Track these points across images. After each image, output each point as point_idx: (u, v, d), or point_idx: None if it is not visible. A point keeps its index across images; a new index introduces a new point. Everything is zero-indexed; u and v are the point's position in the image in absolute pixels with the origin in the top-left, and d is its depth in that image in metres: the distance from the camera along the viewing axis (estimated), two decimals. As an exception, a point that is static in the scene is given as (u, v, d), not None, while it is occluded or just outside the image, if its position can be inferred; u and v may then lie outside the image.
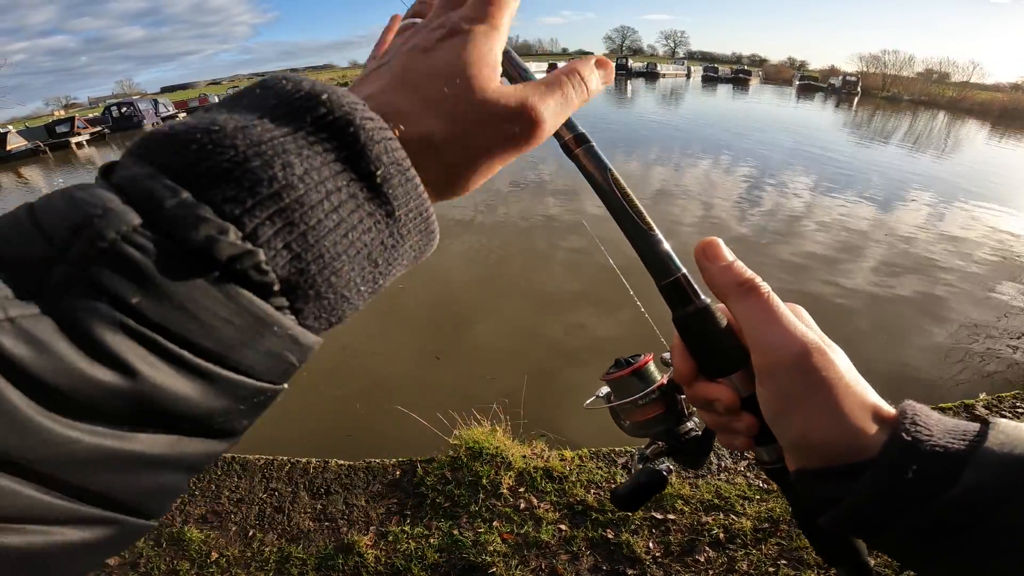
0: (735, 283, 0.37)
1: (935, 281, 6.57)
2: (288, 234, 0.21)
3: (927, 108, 44.68)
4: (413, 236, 0.27)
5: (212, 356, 0.21)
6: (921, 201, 10.46)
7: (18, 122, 47.14)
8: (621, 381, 0.53)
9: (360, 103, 0.24)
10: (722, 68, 74.19)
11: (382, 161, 0.24)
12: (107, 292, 0.18)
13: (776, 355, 0.35)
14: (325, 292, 0.23)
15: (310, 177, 0.22)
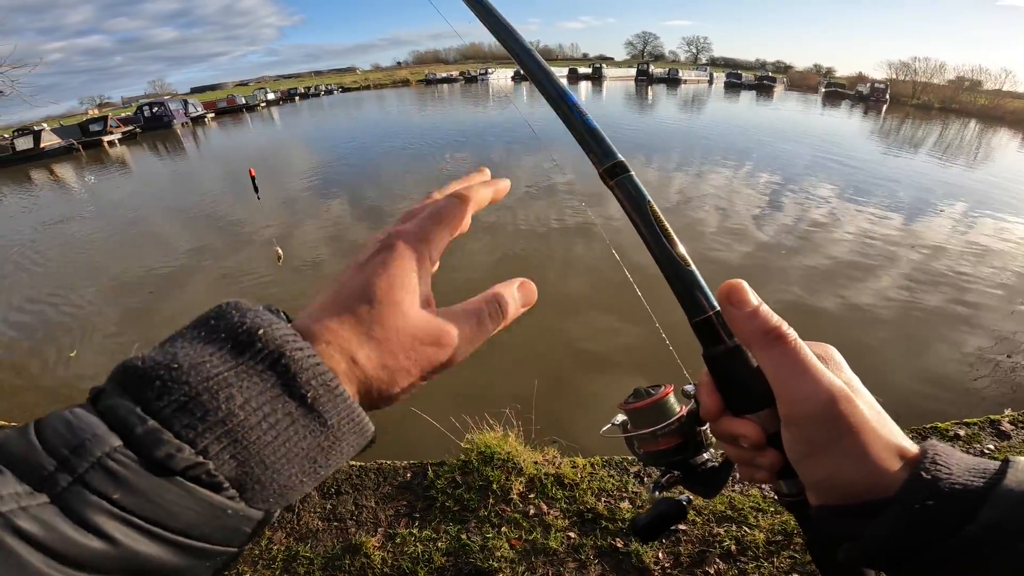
0: (761, 331, 0.37)
1: (963, 293, 6.39)
2: (233, 448, 0.28)
3: (958, 116, 43.61)
4: (348, 436, 0.32)
5: (178, 531, 0.27)
6: (950, 212, 10.20)
7: (53, 120, 48.55)
8: (640, 411, 0.53)
9: (292, 335, 0.31)
10: (745, 75, 73.28)
11: (311, 385, 0.30)
12: (97, 491, 0.25)
13: (801, 407, 0.36)
14: (270, 485, 0.29)
15: (249, 405, 0.28)
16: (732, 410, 0.41)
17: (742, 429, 0.40)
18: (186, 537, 0.27)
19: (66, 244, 10.40)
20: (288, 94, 64.24)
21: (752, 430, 0.40)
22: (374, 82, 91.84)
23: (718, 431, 0.43)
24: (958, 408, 3.87)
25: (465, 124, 25.85)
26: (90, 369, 5.55)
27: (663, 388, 0.53)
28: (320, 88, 74.64)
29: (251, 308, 0.32)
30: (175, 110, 37.97)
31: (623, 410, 0.55)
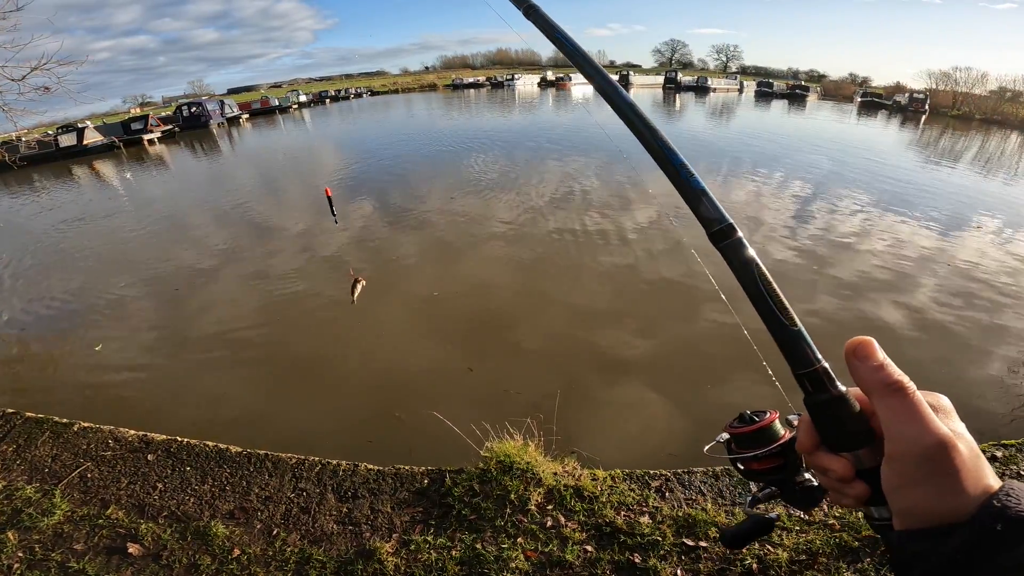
0: (884, 384, 0.42)
1: (1001, 310, 6.13)
2: None
3: (1000, 127, 42.14)
4: None
5: None
6: (988, 227, 9.82)
7: (96, 118, 50.27)
8: (746, 436, 0.57)
9: None
10: (777, 83, 71.96)
11: None
12: None
13: (907, 447, 0.40)
14: None
15: None
16: (828, 446, 0.46)
17: (832, 464, 0.46)
18: None
19: (102, 238, 10.71)
20: (319, 96, 65.41)
21: (841, 465, 0.45)
22: (402, 86, 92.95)
23: (810, 463, 0.49)
24: (992, 428, 3.71)
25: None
26: (114, 361, 5.67)
27: (768, 414, 0.58)
28: (350, 91, 75.80)
29: None
30: (212, 110, 38.96)
31: (729, 433, 0.59)
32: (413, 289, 6.87)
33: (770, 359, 0.63)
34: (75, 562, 2.51)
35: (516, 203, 10.80)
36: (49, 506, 2.84)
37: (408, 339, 5.52)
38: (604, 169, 14.10)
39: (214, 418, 4.39)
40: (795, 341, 0.45)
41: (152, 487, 2.98)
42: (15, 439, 3.50)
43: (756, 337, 0.73)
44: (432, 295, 6.60)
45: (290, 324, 6.20)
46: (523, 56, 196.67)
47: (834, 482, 0.47)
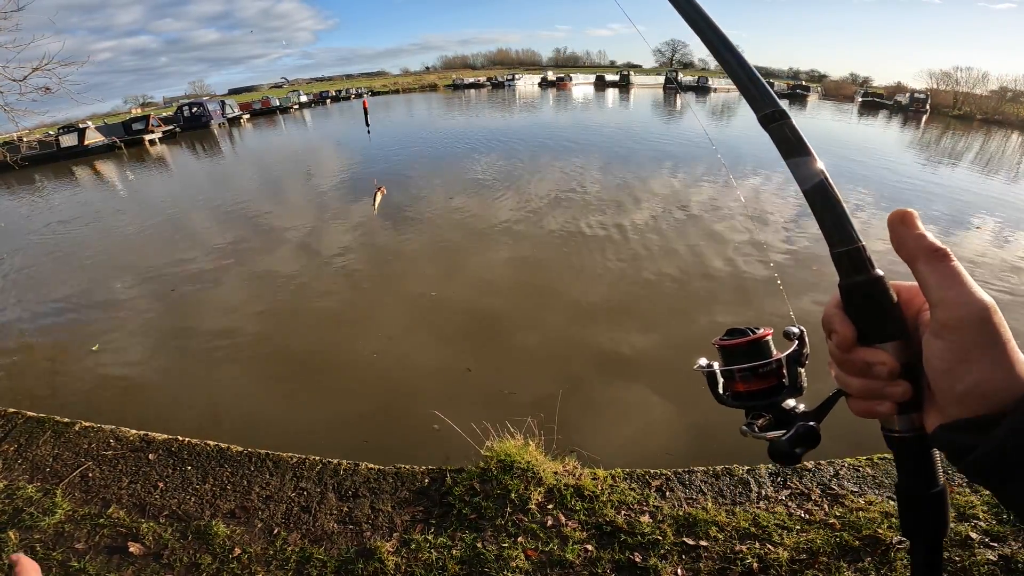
0: (929, 249, 0.39)
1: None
2: None
3: (1000, 127, 42.08)
4: None
5: None
6: (987, 227, 9.82)
7: (97, 118, 50.29)
8: (738, 349, 0.52)
9: None
10: (778, 83, 71.97)
11: None
12: None
13: (962, 311, 0.37)
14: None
15: None
16: (865, 340, 0.42)
17: (880, 357, 0.42)
18: None
19: (102, 238, 10.73)
20: (320, 97, 65.49)
21: (889, 359, 0.41)
22: (403, 86, 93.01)
23: (849, 361, 0.44)
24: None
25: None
26: (115, 360, 5.68)
27: (762, 329, 0.52)
28: (351, 91, 75.82)
29: None
30: (213, 111, 39.01)
31: (719, 347, 0.54)
32: (415, 288, 6.88)
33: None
34: (76, 561, 2.51)
35: (517, 202, 10.81)
36: (50, 505, 2.85)
37: (410, 338, 5.53)
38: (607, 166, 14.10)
39: (215, 417, 4.40)
40: (839, 215, 0.42)
41: (153, 486, 2.99)
42: (16, 438, 3.51)
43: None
44: (431, 295, 6.60)
45: (291, 323, 6.20)
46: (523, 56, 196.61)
47: (877, 384, 0.43)
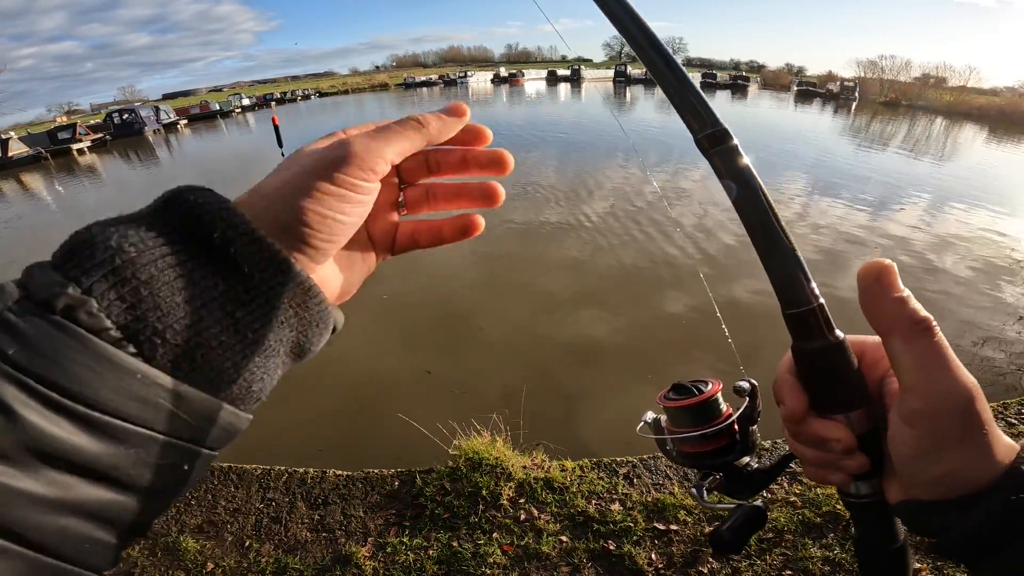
0: (911, 320, 0.35)
1: (936, 284, 6.55)
2: (121, 288, 0.25)
3: (925, 113, 44.78)
4: (276, 289, 0.29)
5: (76, 396, 0.24)
6: (919, 205, 10.45)
7: (20, 128, 47.21)
8: (684, 410, 0.48)
9: (200, 187, 0.29)
10: (721, 74, 74.36)
11: (216, 224, 0.28)
12: None
13: (941, 401, 0.34)
14: (172, 338, 0.26)
15: (144, 244, 0.26)
16: (819, 410, 0.38)
17: (834, 433, 0.38)
18: (90, 407, 0.24)
19: (32, 251, 10.09)
20: (264, 99, 63.42)
21: (844, 433, 0.38)
22: (353, 86, 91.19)
23: (801, 433, 0.40)
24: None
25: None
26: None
27: (711, 385, 0.49)
28: (297, 93, 73.80)
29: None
30: (146, 117, 37.26)
31: (664, 407, 0.50)
32: (367, 290, 6.78)
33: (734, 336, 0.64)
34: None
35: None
36: None
37: (366, 340, 5.45)
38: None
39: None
40: (793, 270, 0.36)
41: (108, 512, 2.86)
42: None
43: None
44: (383, 297, 6.53)
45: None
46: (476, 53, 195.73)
47: (831, 456, 0.39)
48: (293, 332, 0.31)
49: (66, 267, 0.25)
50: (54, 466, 0.23)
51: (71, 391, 0.24)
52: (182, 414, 0.27)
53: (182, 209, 0.28)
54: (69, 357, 0.24)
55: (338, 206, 0.32)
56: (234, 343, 0.28)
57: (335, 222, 0.32)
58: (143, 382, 0.25)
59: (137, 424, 0.25)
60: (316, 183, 0.31)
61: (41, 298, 0.24)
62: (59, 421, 0.23)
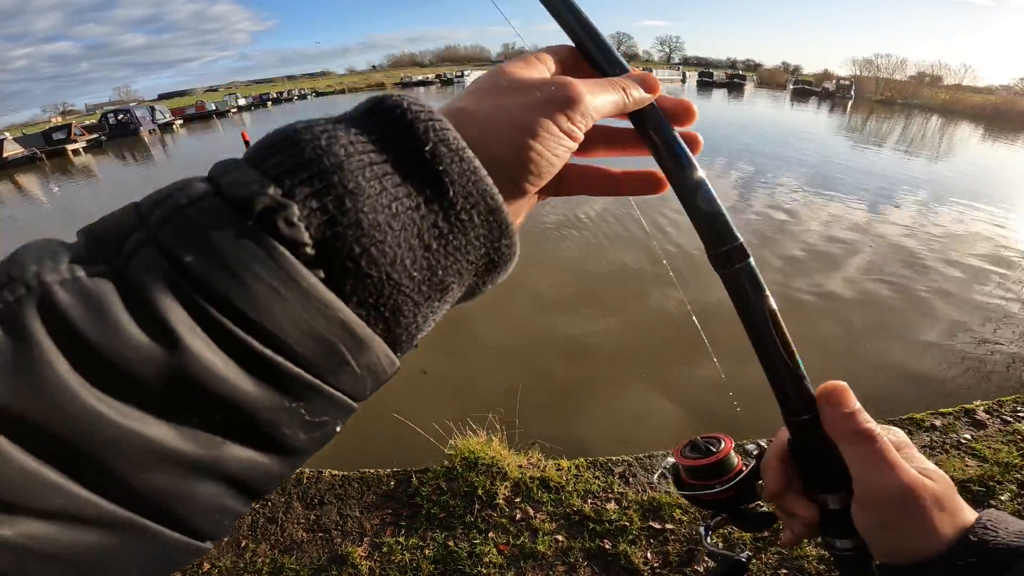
0: (853, 431, 0.41)
1: (931, 283, 6.57)
2: (324, 195, 0.21)
3: (920, 111, 44.92)
4: (476, 225, 0.26)
5: (253, 326, 0.20)
6: (913, 203, 10.48)
7: (15, 129, 47.10)
8: (700, 469, 0.55)
9: (413, 98, 0.26)
10: (717, 73, 74.52)
11: (429, 137, 0.24)
12: (167, 251, 0.20)
13: (874, 493, 0.40)
14: (367, 267, 0.22)
15: (352, 147, 0.23)
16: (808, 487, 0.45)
17: (801, 511, 0.45)
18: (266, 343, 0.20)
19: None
20: (260, 99, 63.37)
21: (809, 512, 0.45)
22: (349, 86, 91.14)
23: (777, 504, 0.48)
24: (931, 398, 3.96)
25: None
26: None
27: (723, 443, 0.55)
28: (293, 93, 73.73)
29: None
30: (141, 117, 37.13)
31: (680, 464, 0.57)
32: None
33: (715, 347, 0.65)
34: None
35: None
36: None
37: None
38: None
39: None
40: (796, 383, 0.41)
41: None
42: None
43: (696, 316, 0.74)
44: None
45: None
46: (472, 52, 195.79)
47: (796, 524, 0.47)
48: (476, 276, 0.28)
49: (265, 164, 0.22)
50: (205, 415, 0.20)
51: (250, 320, 0.20)
52: (354, 363, 0.23)
53: (391, 114, 0.25)
54: (256, 275, 0.20)
55: (557, 149, 0.30)
56: (422, 281, 0.25)
57: (548, 164, 0.30)
58: (328, 318, 0.22)
59: (310, 372, 0.22)
60: (542, 121, 0.29)
61: (237, 196, 0.21)
62: (225, 359, 0.20)
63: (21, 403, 0.17)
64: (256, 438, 0.22)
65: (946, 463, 2.73)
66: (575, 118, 0.30)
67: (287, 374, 0.21)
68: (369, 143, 0.24)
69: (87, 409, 0.17)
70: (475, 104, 0.30)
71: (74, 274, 0.19)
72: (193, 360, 0.19)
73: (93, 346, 0.18)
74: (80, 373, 0.17)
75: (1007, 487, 2.55)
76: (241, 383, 0.20)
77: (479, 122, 0.28)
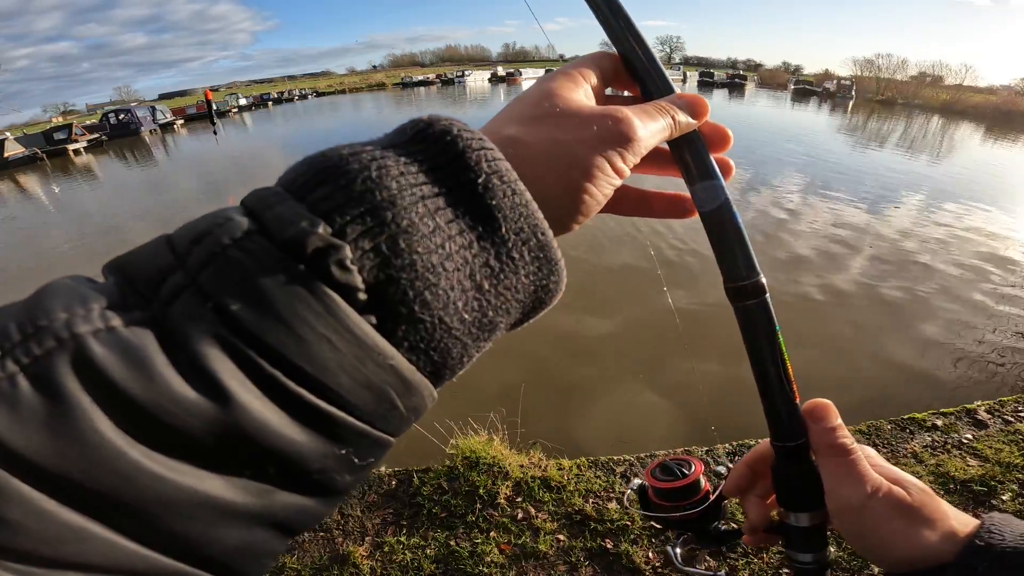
0: (829, 445, 0.43)
1: (932, 282, 6.56)
2: (377, 234, 0.20)
3: (921, 111, 44.88)
4: (527, 263, 0.25)
5: (306, 379, 0.19)
6: (914, 203, 10.47)
7: (16, 129, 47.18)
8: (669, 491, 0.57)
9: (459, 121, 0.25)
10: (718, 73, 74.55)
11: (482, 168, 0.23)
12: (211, 298, 0.18)
13: (845, 503, 0.42)
14: (420, 311, 0.21)
15: (405, 179, 0.22)
16: (783, 505, 0.47)
17: (751, 510, 0.49)
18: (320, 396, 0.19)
19: (31, 255, 10.06)
20: (261, 99, 63.43)
21: (757, 513, 0.49)
22: (350, 86, 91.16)
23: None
24: (932, 397, 3.96)
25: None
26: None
27: (694, 467, 0.58)
28: (294, 93, 73.79)
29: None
30: (142, 117, 37.18)
31: (649, 485, 0.59)
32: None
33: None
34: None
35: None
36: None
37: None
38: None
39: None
40: (791, 411, 0.43)
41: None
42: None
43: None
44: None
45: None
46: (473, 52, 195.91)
47: (748, 520, 0.50)
48: (522, 313, 0.27)
49: (311, 197, 0.21)
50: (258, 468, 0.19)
51: (304, 373, 0.19)
52: (402, 406, 0.22)
53: (442, 141, 0.24)
54: (308, 324, 0.19)
55: (606, 188, 0.30)
56: (472, 323, 0.24)
57: (596, 204, 0.30)
58: (380, 366, 0.21)
59: (362, 420, 0.21)
60: (596, 160, 0.28)
61: (285, 236, 0.19)
62: (278, 412, 0.19)
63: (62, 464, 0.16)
64: (307, 485, 0.21)
65: (947, 463, 2.73)
66: (627, 157, 0.30)
67: (340, 423, 0.20)
68: (420, 173, 0.23)
69: (136, 467, 0.17)
70: (528, 135, 0.28)
71: (109, 323, 0.17)
72: (245, 415, 0.18)
73: (137, 403, 0.17)
74: (125, 431, 0.17)
75: (1008, 487, 2.55)
76: (294, 435, 0.19)
77: (532, 156, 0.27)
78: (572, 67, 0.34)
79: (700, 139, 0.36)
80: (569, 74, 0.33)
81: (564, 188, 0.28)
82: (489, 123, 0.30)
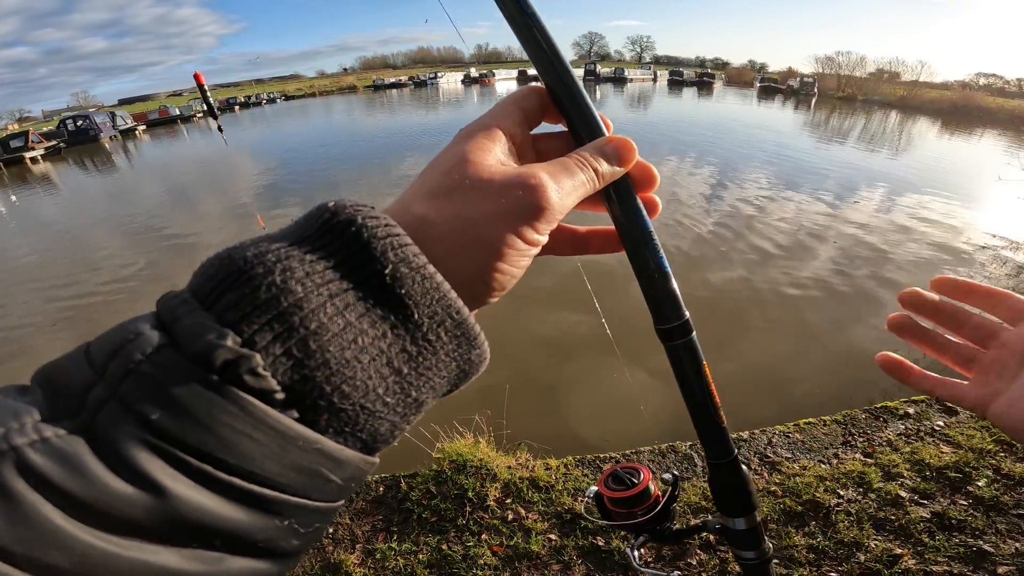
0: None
1: (885, 272, 6.77)
2: (287, 339, 0.21)
3: (880, 107, 46.30)
4: (444, 343, 0.26)
5: (233, 469, 0.21)
6: (875, 196, 10.79)
7: (-33, 138, 45.03)
8: (624, 498, 0.62)
9: (366, 206, 0.25)
10: (687, 72, 75.72)
11: (388, 259, 0.24)
12: (133, 410, 0.19)
13: None
14: (340, 403, 0.23)
15: (311, 280, 0.22)
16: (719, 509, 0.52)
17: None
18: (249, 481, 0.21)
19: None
20: (227, 103, 61.99)
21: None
22: (320, 89, 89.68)
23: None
24: (903, 386, 4.07)
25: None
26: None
27: (643, 475, 0.63)
28: (262, 96, 72.31)
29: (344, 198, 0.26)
30: (101, 123, 36.00)
31: (606, 497, 0.64)
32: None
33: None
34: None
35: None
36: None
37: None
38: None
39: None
40: (722, 435, 0.46)
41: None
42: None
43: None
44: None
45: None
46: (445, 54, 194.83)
47: None
48: (450, 386, 0.28)
49: (218, 306, 0.21)
50: (204, 542, 0.21)
51: (229, 465, 0.20)
52: (337, 479, 0.24)
53: (346, 233, 0.24)
54: (227, 425, 0.20)
55: (521, 261, 0.30)
56: (396, 404, 0.25)
57: (511, 278, 0.30)
58: (306, 451, 0.22)
59: (296, 495, 0.23)
60: (506, 238, 0.28)
61: (194, 350, 0.20)
62: (213, 496, 0.20)
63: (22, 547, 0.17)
64: (256, 551, 0.22)
65: (922, 450, 2.82)
66: (540, 227, 0.30)
67: (275, 500, 0.22)
68: (328, 271, 0.23)
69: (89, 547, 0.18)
70: (436, 213, 0.28)
71: (42, 435, 0.18)
72: (181, 503, 0.19)
73: (79, 499, 0.18)
74: (75, 519, 0.18)
75: (983, 472, 2.64)
76: (232, 515, 0.21)
77: (441, 236, 0.27)
78: (491, 118, 0.33)
79: (627, 182, 0.36)
80: (487, 130, 0.32)
81: (475, 268, 0.28)
82: (401, 197, 0.30)
